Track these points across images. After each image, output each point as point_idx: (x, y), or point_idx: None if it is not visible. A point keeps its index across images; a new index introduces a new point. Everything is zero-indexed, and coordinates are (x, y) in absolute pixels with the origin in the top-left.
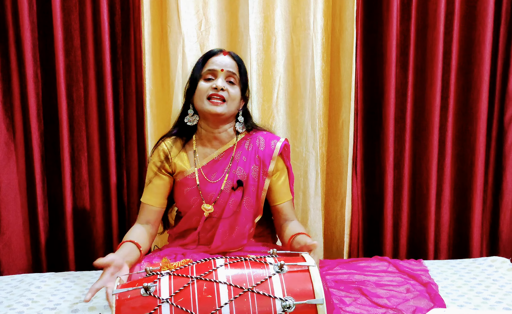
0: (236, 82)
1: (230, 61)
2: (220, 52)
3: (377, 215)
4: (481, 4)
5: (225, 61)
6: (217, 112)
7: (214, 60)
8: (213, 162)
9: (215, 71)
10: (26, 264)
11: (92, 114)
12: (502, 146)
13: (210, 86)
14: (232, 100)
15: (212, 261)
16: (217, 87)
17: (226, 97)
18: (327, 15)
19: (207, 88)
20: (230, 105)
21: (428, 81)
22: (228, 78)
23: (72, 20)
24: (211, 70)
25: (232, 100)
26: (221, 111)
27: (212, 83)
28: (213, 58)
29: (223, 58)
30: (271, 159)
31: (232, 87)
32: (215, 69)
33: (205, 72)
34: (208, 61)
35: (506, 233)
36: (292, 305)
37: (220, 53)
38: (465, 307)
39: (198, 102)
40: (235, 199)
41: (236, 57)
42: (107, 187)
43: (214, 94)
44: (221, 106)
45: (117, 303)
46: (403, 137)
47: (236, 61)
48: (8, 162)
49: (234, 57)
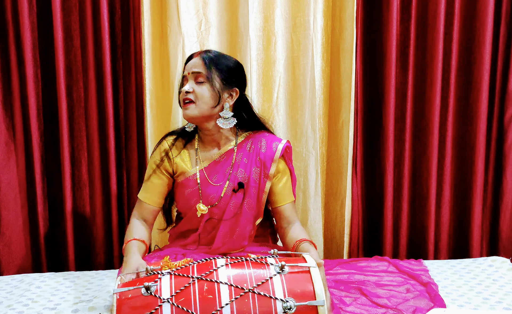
0: (204, 80)
1: (196, 62)
2: (193, 56)
3: (377, 215)
4: (481, 4)
5: (192, 63)
6: (188, 115)
7: (186, 65)
8: (214, 163)
9: (185, 76)
10: (26, 264)
11: (92, 114)
12: (502, 146)
13: (182, 93)
14: (200, 98)
15: (213, 261)
16: (183, 92)
17: (193, 98)
18: (327, 15)
19: (181, 96)
20: (199, 104)
21: (428, 81)
22: (197, 79)
23: (72, 21)
24: (183, 76)
25: (200, 99)
26: (191, 114)
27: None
28: (188, 63)
29: (193, 61)
30: (272, 161)
31: (199, 87)
32: (185, 75)
33: (182, 79)
34: (185, 67)
35: (506, 233)
36: (293, 306)
37: (193, 56)
38: (465, 307)
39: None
40: (236, 201)
41: (205, 55)
42: (107, 187)
43: (184, 98)
44: (189, 109)
45: (118, 303)
46: (403, 137)
47: (202, 59)
48: (8, 162)
49: (203, 56)
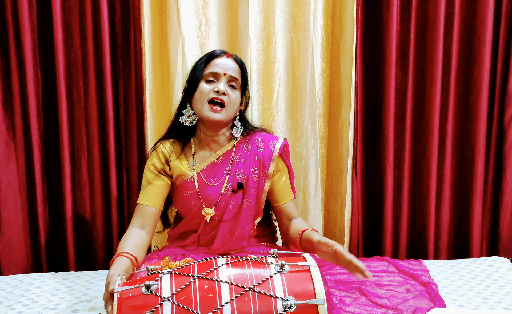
0: (237, 87)
1: (233, 65)
2: (223, 54)
3: (377, 215)
4: (481, 4)
5: (228, 64)
6: (216, 119)
7: (217, 62)
8: (212, 165)
9: (218, 74)
10: (26, 264)
11: (92, 114)
12: (502, 146)
13: (211, 89)
14: (232, 105)
15: (214, 260)
16: (219, 91)
17: (226, 102)
18: (327, 15)
19: (209, 91)
20: (229, 110)
21: (428, 81)
22: (230, 82)
23: (72, 21)
24: (213, 73)
25: (231, 106)
26: (220, 118)
27: (213, 86)
28: (216, 60)
29: (226, 61)
30: (271, 160)
31: (233, 92)
32: (217, 72)
33: (207, 74)
34: (210, 63)
35: (506, 233)
36: (293, 305)
37: (223, 55)
38: (465, 307)
39: (198, 105)
40: (236, 202)
41: (239, 61)
42: (107, 187)
43: (215, 98)
44: (220, 113)
45: (119, 301)
46: (403, 137)
47: (239, 66)
48: (8, 162)
49: (237, 61)
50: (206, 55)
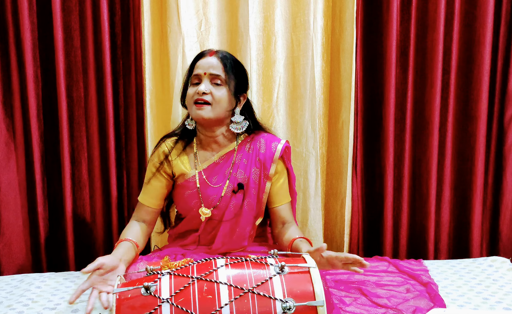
0: (222, 83)
1: (214, 62)
2: (207, 54)
3: (377, 215)
4: (481, 4)
5: (209, 63)
6: (203, 117)
7: (199, 63)
8: (213, 165)
9: (199, 75)
10: (26, 264)
11: (92, 114)
12: (502, 146)
13: (195, 91)
14: (218, 102)
15: (213, 261)
16: (199, 92)
17: (210, 100)
18: (327, 15)
19: (193, 94)
20: (216, 108)
21: (428, 82)
22: (214, 80)
23: (72, 20)
24: (196, 75)
25: (217, 103)
26: (207, 115)
27: (196, 88)
28: (199, 61)
29: (207, 60)
30: (272, 161)
31: (217, 89)
32: (199, 73)
33: (192, 78)
34: (195, 66)
35: (506, 233)
36: (293, 306)
37: (207, 54)
38: (465, 307)
39: (189, 108)
40: (236, 202)
41: (223, 56)
42: (107, 187)
43: (198, 99)
44: (205, 110)
45: (118, 302)
46: (403, 138)
47: (222, 61)
48: (8, 162)
49: (221, 57)
50: (193, 59)
